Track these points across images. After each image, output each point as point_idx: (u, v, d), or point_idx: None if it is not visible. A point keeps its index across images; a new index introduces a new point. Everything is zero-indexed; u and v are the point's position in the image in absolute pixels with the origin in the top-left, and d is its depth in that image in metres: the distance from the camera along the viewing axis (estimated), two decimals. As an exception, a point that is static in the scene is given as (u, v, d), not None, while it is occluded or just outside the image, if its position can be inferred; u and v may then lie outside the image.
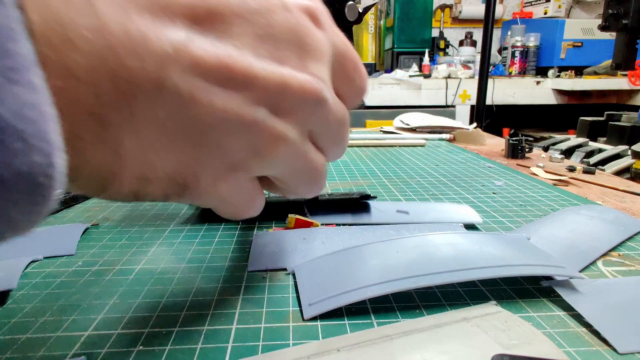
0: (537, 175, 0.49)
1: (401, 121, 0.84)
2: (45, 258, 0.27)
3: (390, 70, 2.11)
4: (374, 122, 0.98)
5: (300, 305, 0.21)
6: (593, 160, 0.85)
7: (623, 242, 0.29)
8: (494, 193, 0.41)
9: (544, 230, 0.29)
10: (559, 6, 2.27)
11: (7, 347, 0.18)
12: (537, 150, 0.65)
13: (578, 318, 0.20)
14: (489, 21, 1.26)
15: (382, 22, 2.28)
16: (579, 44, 2.07)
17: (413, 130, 0.79)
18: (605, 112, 1.23)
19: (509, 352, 0.16)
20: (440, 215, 0.33)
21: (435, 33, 2.27)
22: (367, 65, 2.16)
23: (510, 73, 2.16)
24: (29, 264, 0.26)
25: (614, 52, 0.95)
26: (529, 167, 0.53)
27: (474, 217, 0.33)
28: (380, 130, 0.83)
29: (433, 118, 0.82)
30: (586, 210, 0.33)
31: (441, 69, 1.87)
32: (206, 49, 0.12)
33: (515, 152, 0.59)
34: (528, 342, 0.17)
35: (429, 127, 0.78)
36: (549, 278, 0.23)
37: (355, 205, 0.34)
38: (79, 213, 0.36)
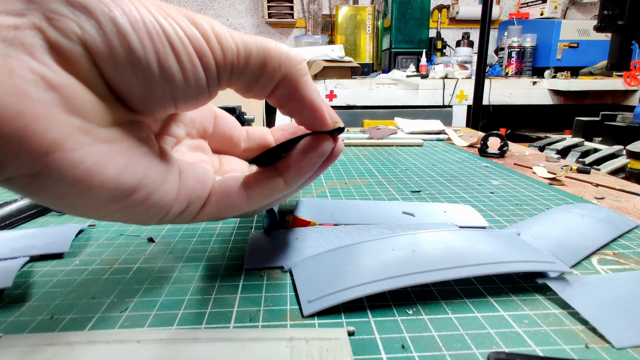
0: (535, 174, 0.49)
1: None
2: (40, 257, 0.27)
3: (387, 70, 2.11)
4: (372, 122, 0.99)
5: (298, 303, 0.21)
6: (588, 160, 0.86)
7: (614, 240, 0.29)
8: (491, 192, 0.41)
9: (536, 227, 0.30)
10: (555, 7, 2.29)
11: (3, 346, 0.18)
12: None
13: (573, 316, 0.20)
14: (485, 22, 1.26)
15: (379, 22, 2.28)
16: (575, 45, 2.09)
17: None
18: (601, 113, 1.23)
19: None
20: (446, 218, 0.33)
21: (432, 33, 2.28)
22: (364, 66, 2.17)
23: (507, 73, 2.16)
24: (25, 263, 0.26)
25: (609, 52, 0.96)
26: (528, 167, 0.53)
27: (480, 220, 0.33)
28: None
29: (425, 123, 0.83)
30: (577, 208, 0.34)
31: (438, 70, 1.88)
32: None
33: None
34: None
35: (422, 132, 0.78)
36: (542, 275, 0.23)
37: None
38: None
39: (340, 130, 0.20)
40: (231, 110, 0.74)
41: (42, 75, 0.12)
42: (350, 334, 0.19)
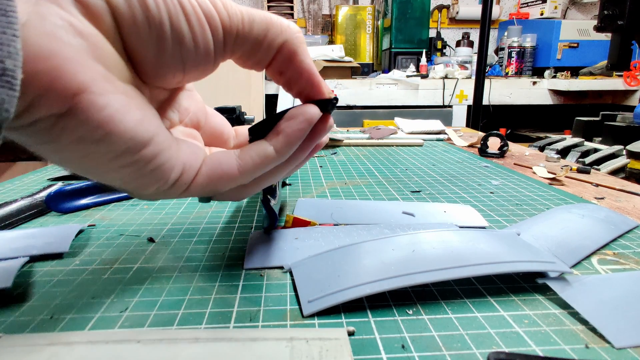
0: (535, 174, 0.49)
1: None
2: (40, 257, 0.27)
3: (387, 70, 2.11)
4: (372, 122, 0.99)
5: (298, 303, 0.21)
6: (588, 160, 0.86)
7: (613, 240, 0.29)
8: (491, 192, 0.41)
9: (536, 228, 0.30)
10: (555, 7, 2.29)
11: (3, 345, 0.18)
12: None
13: (573, 316, 0.20)
14: (485, 22, 1.26)
15: (379, 22, 2.28)
16: (575, 45, 2.08)
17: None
18: (601, 113, 1.23)
19: None
20: (446, 218, 0.33)
21: (432, 33, 2.28)
22: (364, 66, 2.16)
23: (507, 73, 2.16)
24: (25, 263, 0.26)
25: (609, 52, 0.96)
26: (528, 167, 0.53)
27: (480, 220, 0.33)
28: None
29: (425, 123, 0.83)
30: (577, 208, 0.34)
31: (438, 69, 1.88)
32: None
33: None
34: None
35: (422, 132, 0.78)
36: (542, 275, 0.23)
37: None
38: (75, 214, 0.36)
39: (333, 105, 0.21)
40: (231, 110, 0.73)
41: (71, 23, 0.13)
42: (350, 334, 0.19)
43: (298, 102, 0.21)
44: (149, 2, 0.14)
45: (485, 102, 1.60)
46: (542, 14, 2.31)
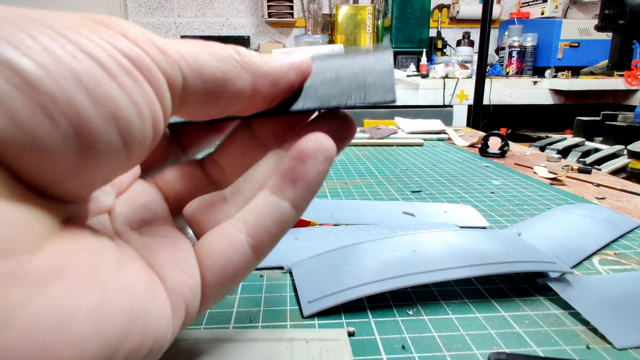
0: (536, 174, 0.49)
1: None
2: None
3: (387, 70, 2.11)
4: (372, 122, 0.99)
5: (298, 304, 0.21)
6: (589, 159, 0.86)
7: (615, 240, 0.29)
8: (491, 192, 0.41)
9: (536, 228, 0.30)
10: (556, 6, 2.28)
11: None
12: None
13: (574, 316, 0.20)
14: (486, 21, 1.26)
15: (379, 21, 2.28)
16: (576, 44, 2.08)
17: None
18: (602, 112, 1.23)
19: None
20: (446, 218, 0.33)
21: (432, 33, 2.28)
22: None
23: (508, 73, 2.16)
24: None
25: (610, 52, 0.96)
26: (529, 167, 0.53)
27: (480, 220, 0.33)
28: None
29: (426, 122, 0.83)
30: (578, 208, 0.33)
31: (439, 69, 1.88)
32: None
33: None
34: None
35: (422, 131, 0.78)
36: (543, 275, 0.23)
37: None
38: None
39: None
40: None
41: None
42: (351, 334, 0.19)
43: None
44: (38, 81, 0.08)
45: (485, 101, 1.59)
46: (542, 14, 2.30)
